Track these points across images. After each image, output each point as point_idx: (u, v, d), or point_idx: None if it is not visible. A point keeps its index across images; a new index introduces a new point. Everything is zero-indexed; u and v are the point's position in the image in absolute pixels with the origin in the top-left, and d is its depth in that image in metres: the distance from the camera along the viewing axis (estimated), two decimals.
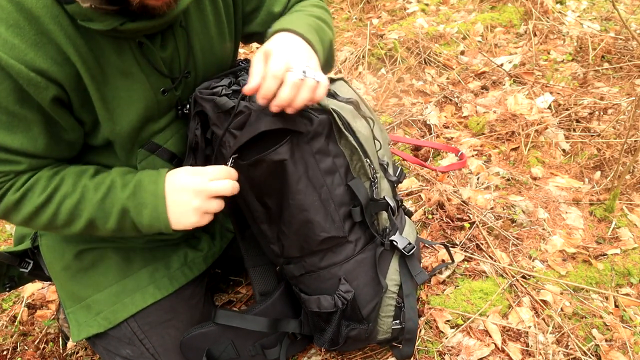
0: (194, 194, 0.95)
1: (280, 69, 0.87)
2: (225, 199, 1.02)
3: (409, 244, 1.13)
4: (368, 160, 1.07)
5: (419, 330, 1.30)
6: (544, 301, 1.37)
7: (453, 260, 1.47)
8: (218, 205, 0.98)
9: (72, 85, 0.87)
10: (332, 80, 1.13)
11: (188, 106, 1.06)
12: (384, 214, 1.11)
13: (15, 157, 0.89)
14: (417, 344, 1.28)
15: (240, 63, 1.11)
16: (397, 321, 1.18)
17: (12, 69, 0.79)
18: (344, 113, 1.03)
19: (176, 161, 1.08)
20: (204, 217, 0.98)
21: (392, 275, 1.15)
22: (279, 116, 0.92)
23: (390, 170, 1.20)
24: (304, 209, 1.01)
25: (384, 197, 1.10)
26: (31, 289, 1.65)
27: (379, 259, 1.12)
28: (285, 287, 1.22)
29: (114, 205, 0.95)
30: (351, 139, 1.03)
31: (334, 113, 1.01)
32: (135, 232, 0.99)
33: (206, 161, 1.05)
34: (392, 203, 1.10)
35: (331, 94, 1.09)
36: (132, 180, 0.97)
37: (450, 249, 1.48)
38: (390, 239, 1.12)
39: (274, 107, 0.89)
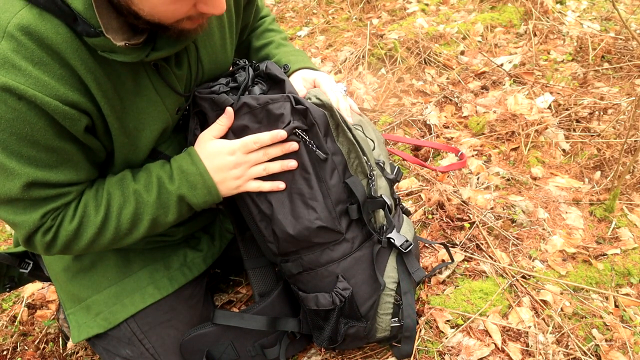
0: (227, 153, 1.00)
1: (339, 91, 1.14)
2: (225, 199, 1.05)
3: (406, 241, 1.14)
4: (365, 157, 1.08)
5: (419, 330, 1.30)
6: (544, 301, 1.37)
7: (453, 260, 1.47)
8: (256, 157, 1.01)
9: (95, 114, 0.88)
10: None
11: (187, 107, 1.06)
12: (381, 212, 1.12)
13: (64, 189, 0.90)
14: (417, 344, 1.28)
15: (237, 62, 1.12)
16: (396, 319, 1.18)
17: (48, 106, 0.79)
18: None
19: None
20: (245, 173, 1.01)
21: (390, 273, 1.15)
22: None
23: (388, 169, 1.20)
24: (305, 197, 1.03)
25: (381, 195, 1.10)
26: (31, 289, 1.65)
27: (376, 256, 1.12)
28: (283, 287, 1.22)
29: (170, 197, 0.98)
30: (349, 134, 1.04)
31: (333, 108, 1.03)
32: (190, 213, 1.03)
33: None
34: (389, 201, 1.11)
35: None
36: (173, 169, 1.00)
37: (450, 249, 1.48)
38: (388, 236, 1.12)
39: (350, 112, 1.14)
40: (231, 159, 0.99)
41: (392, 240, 1.12)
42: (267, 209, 1.05)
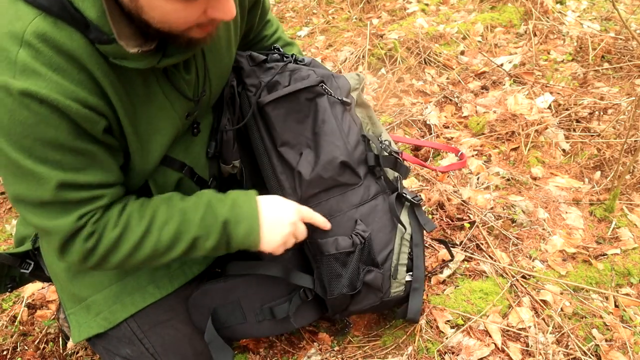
0: (287, 217, 1.06)
1: None
2: (246, 165, 1.19)
3: (416, 195, 1.21)
4: (376, 124, 1.24)
5: (419, 330, 1.31)
6: (544, 301, 1.37)
7: (453, 257, 1.47)
8: (303, 232, 1.09)
9: (111, 117, 0.89)
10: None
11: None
12: (390, 171, 1.21)
13: (97, 191, 0.90)
14: (417, 344, 1.28)
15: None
16: (410, 273, 1.20)
17: (70, 110, 0.80)
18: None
19: (186, 169, 1.11)
20: (290, 241, 1.07)
21: (404, 219, 1.20)
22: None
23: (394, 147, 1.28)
24: (328, 134, 1.12)
25: (390, 151, 1.19)
26: (31, 289, 1.65)
27: (392, 210, 1.18)
28: (297, 251, 1.20)
29: (217, 219, 1.00)
30: (365, 98, 1.22)
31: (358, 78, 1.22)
32: (225, 248, 1.03)
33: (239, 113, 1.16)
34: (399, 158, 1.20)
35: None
36: (226, 197, 1.03)
37: (451, 249, 1.48)
38: (401, 191, 1.20)
39: None
40: (287, 228, 1.05)
41: (404, 194, 1.19)
42: (293, 159, 1.12)
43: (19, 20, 0.77)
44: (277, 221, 1.04)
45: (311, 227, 1.14)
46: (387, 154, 1.19)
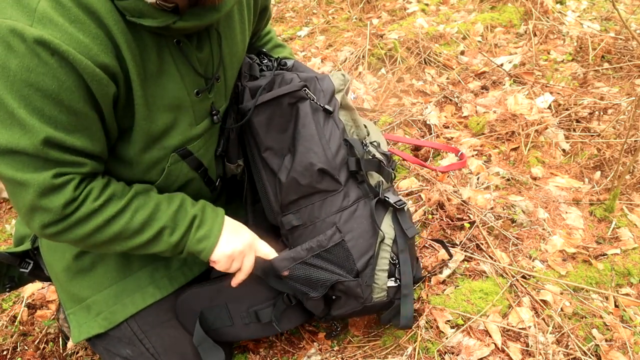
0: (244, 238, 1.10)
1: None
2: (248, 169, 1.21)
3: (400, 200, 1.19)
4: (360, 130, 1.22)
5: (419, 329, 1.30)
6: (544, 301, 1.37)
7: (451, 256, 1.46)
8: (250, 262, 1.13)
9: (122, 82, 0.88)
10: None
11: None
12: (375, 175, 1.19)
13: (80, 158, 0.89)
14: (417, 344, 1.28)
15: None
16: (393, 279, 1.19)
17: (80, 64, 0.79)
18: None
19: (201, 170, 1.11)
20: (237, 260, 1.10)
21: (386, 230, 1.18)
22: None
23: (384, 147, 1.28)
24: (307, 139, 1.13)
25: (374, 155, 1.19)
26: (31, 289, 1.65)
27: (371, 215, 1.17)
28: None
29: (187, 214, 1.03)
30: (348, 100, 1.21)
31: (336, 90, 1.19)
32: (179, 250, 1.04)
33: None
34: (384, 160, 1.19)
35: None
36: (198, 202, 1.08)
37: (451, 249, 1.48)
38: (384, 195, 1.18)
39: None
40: (240, 246, 1.09)
41: (387, 198, 1.17)
42: (276, 165, 1.15)
43: None
44: (235, 237, 1.08)
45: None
46: (370, 157, 1.19)
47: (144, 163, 1.00)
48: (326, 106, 1.15)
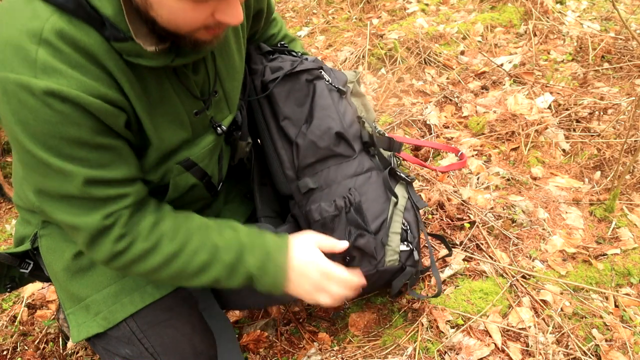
0: (317, 270, 1.06)
1: None
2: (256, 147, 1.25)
3: (409, 175, 1.24)
4: (370, 111, 1.30)
5: (419, 330, 1.30)
6: (544, 301, 1.37)
7: (451, 252, 1.46)
8: (338, 291, 1.08)
9: (130, 111, 0.90)
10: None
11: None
12: (384, 153, 1.25)
13: (122, 189, 0.91)
14: (417, 344, 1.28)
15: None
16: (405, 243, 1.21)
17: (92, 105, 0.81)
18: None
19: (206, 180, 1.12)
20: (319, 293, 1.07)
21: (399, 193, 1.22)
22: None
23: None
24: (324, 107, 1.18)
25: (384, 133, 1.25)
26: (31, 289, 1.65)
27: (385, 181, 1.21)
28: (294, 225, 1.24)
29: (244, 271, 1.02)
30: (359, 88, 1.28)
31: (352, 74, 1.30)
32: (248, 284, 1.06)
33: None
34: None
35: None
36: (259, 245, 1.05)
37: (449, 244, 1.47)
38: (394, 168, 1.23)
39: None
40: (315, 278, 1.06)
41: (398, 172, 1.22)
42: (293, 133, 1.18)
43: (36, 19, 0.78)
44: (305, 276, 1.06)
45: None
46: (380, 134, 1.25)
47: (153, 176, 1.02)
48: (340, 87, 1.22)
